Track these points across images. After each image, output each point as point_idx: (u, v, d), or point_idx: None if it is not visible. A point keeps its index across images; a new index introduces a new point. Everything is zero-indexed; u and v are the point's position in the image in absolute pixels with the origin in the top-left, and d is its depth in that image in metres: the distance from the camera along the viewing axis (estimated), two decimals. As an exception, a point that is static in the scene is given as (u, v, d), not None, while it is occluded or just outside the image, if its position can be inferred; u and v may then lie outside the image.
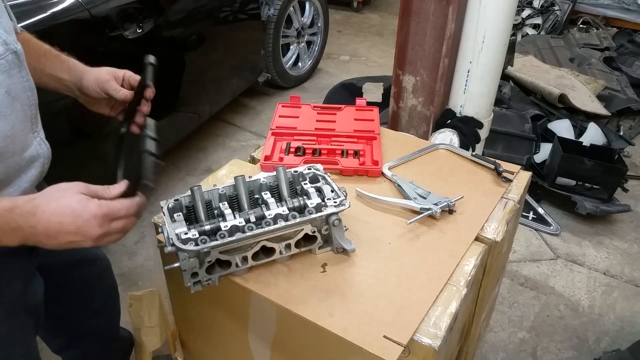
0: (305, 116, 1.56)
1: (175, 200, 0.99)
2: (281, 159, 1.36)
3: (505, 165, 1.37)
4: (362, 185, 1.28)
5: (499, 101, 2.88)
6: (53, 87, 1.04)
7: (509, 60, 1.93)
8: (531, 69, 3.35)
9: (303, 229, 1.01)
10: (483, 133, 1.93)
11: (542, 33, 4.36)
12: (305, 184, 1.07)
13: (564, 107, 3.05)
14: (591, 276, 2.21)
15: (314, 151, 1.40)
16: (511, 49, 1.91)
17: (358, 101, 1.61)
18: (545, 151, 2.70)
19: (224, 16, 2.77)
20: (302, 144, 1.41)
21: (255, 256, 0.99)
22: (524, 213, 2.49)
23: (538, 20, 4.45)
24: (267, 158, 1.35)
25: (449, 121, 1.90)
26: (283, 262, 1.05)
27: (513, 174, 1.35)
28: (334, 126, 1.50)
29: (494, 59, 1.79)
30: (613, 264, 2.28)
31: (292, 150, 1.40)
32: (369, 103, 1.61)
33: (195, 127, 2.80)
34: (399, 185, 1.27)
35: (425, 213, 1.16)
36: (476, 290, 1.20)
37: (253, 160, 1.41)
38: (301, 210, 1.01)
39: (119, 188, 0.83)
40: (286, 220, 0.98)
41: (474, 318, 1.30)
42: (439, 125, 1.93)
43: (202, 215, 1.00)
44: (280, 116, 1.55)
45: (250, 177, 1.07)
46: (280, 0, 3.26)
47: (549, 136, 2.77)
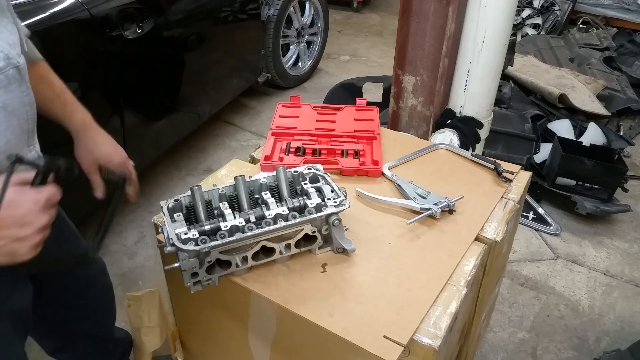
0: (305, 116, 1.56)
1: (175, 200, 0.99)
2: (281, 159, 1.36)
3: (505, 165, 1.37)
4: (362, 185, 1.28)
5: (499, 101, 2.88)
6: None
7: (509, 60, 1.93)
8: (531, 69, 3.35)
9: (303, 229, 1.01)
10: (483, 133, 1.93)
11: (542, 33, 4.36)
12: (305, 184, 1.07)
13: (564, 107, 3.05)
14: (591, 276, 2.21)
15: (314, 151, 1.40)
16: (511, 49, 1.91)
17: (358, 101, 1.61)
18: (545, 151, 2.70)
19: (224, 16, 2.77)
20: (302, 144, 1.41)
21: (255, 256, 0.99)
22: (524, 213, 2.49)
23: (538, 20, 4.45)
24: (267, 158, 1.36)
25: (449, 121, 1.90)
26: (283, 262, 1.05)
27: (513, 174, 1.35)
28: (334, 126, 1.50)
29: (494, 59, 1.79)
30: (613, 264, 2.28)
31: (292, 150, 1.40)
32: (369, 103, 1.61)
33: (195, 127, 2.80)
34: (399, 185, 1.27)
35: (425, 213, 1.16)
36: (476, 290, 1.20)
37: (253, 160, 1.41)
38: (301, 210, 1.01)
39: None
40: (286, 220, 0.98)
41: (474, 318, 1.30)
42: (439, 125, 1.93)
43: (202, 215, 1.00)
44: (280, 116, 1.55)
45: (250, 177, 1.07)
46: (280, 0, 3.26)
47: (549, 136, 2.77)
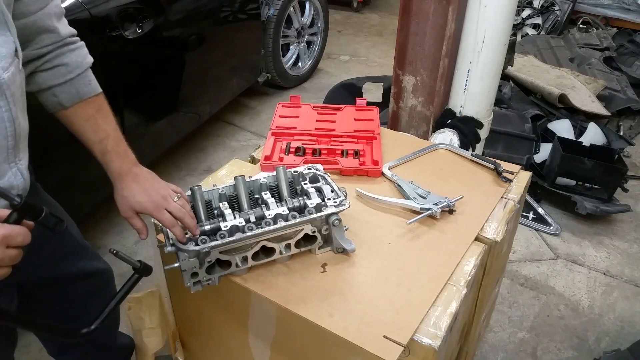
0: (305, 116, 1.56)
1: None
2: (281, 159, 1.36)
3: (505, 165, 1.37)
4: (362, 185, 1.28)
5: (499, 101, 2.88)
6: None
7: (509, 60, 1.93)
8: (531, 69, 3.35)
9: (303, 229, 1.01)
10: (483, 133, 1.93)
11: (542, 33, 4.36)
12: (305, 184, 1.07)
13: (564, 107, 3.05)
14: (591, 276, 2.21)
15: (314, 151, 1.40)
16: (511, 49, 1.91)
17: (358, 101, 1.61)
18: (545, 151, 2.70)
19: (224, 16, 2.76)
20: (302, 144, 1.41)
21: (255, 256, 0.99)
22: (524, 213, 2.49)
23: (538, 20, 4.45)
24: (267, 158, 1.36)
25: (449, 121, 1.90)
26: (283, 262, 1.05)
27: (513, 174, 1.35)
28: (334, 126, 1.50)
29: (494, 59, 1.79)
30: (613, 264, 2.28)
31: (292, 150, 1.40)
32: (369, 103, 1.61)
33: (195, 127, 2.80)
34: (399, 185, 1.27)
35: (425, 213, 1.16)
36: (476, 290, 1.20)
37: (253, 160, 1.41)
38: (301, 210, 1.01)
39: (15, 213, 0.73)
40: (286, 220, 0.98)
41: (474, 318, 1.30)
42: (439, 125, 1.93)
43: (202, 215, 1.00)
44: (280, 116, 1.55)
45: (250, 177, 1.07)
46: (280, 0, 3.26)
47: (549, 136, 2.77)
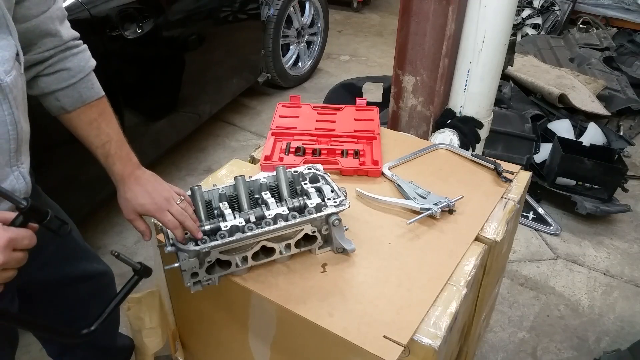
0: (305, 116, 1.56)
1: (175, 200, 0.99)
2: (281, 159, 1.36)
3: (505, 165, 1.37)
4: (362, 185, 1.28)
5: (499, 101, 2.88)
6: None
7: (509, 60, 1.93)
8: (531, 69, 3.35)
9: (303, 229, 1.01)
10: (483, 133, 1.93)
11: (542, 33, 4.36)
12: (305, 184, 1.07)
13: (564, 107, 3.05)
14: (591, 276, 2.21)
15: (314, 151, 1.40)
16: (511, 49, 1.91)
17: (358, 101, 1.61)
18: (545, 151, 2.70)
19: (224, 16, 2.76)
20: (302, 144, 1.41)
21: (255, 256, 0.99)
22: (524, 213, 2.49)
23: (538, 20, 4.45)
24: (267, 158, 1.36)
25: (449, 121, 1.90)
26: (283, 262, 1.05)
27: (513, 174, 1.35)
28: (334, 126, 1.50)
29: (494, 59, 1.79)
30: (613, 264, 2.28)
31: (292, 150, 1.40)
32: (369, 103, 1.61)
33: (195, 127, 2.80)
34: (399, 185, 1.27)
35: (425, 213, 1.16)
36: (476, 290, 1.20)
37: (253, 160, 1.41)
38: (301, 210, 1.01)
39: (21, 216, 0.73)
40: (286, 220, 0.98)
41: (474, 318, 1.30)
42: (439, 125, 1.93)
43: (202, 215, 1.00)
44: (280, 116, 1.55)
45: (250, 177, 1.07)
46: (280, 0, 3.26)
47: (549, 136, 2.77)
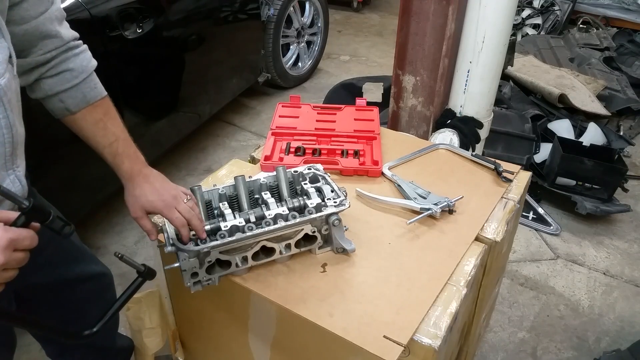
0: (305, 116, 1.56)
1: (175, 200, 0.99)
2: (281, 159, 1.36)
3: (505, 165, 1.37)
4: (362, 185, 1.28)
5: (499, 101, 2.88)
6: None
7: (509, 60, 1.93)
8: (531, 69, 3.35)
9: (303, 229, 1.01)
10: (483, 133, 1.93)
11: (542, 33, 4.36)
12: (305, 184, 1.07)
13: (564, 107, 3.05)
14: (591, 276, 2.21)
15: (314, 151, 1.40)
16: (511, 49, 1.91)
17: (358, 101, 1.61)
18: (545, 151, 2.70)
19: (224, 16, 2.76)
20: (302, 144, 1.41)
21: (255, 256, 0.99)
22: (524, 213, 2.49)
23: (538, 20, 4.45)
24: (267, 158, 1.35)
25: (449, 121, 1.90)
26: (283, 262, 1.05)
27: (513, 174, 1.35)
28: (334, 126, 1.50)
29: (494, 59, 1.79)
30: (613, 264, 2.28)
31: (292, 150, 1.40)
32: (369, 103, 1.61)
33: (195, 127, 2.80)
34: (399, 185, 1.27)
35: (425, 213, 1.16)
36: (476, 290, 1.20)
37: (253, 160, 1.41)
38: (301, 210, 1.01)
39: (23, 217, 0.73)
40: (286, 220, 0.98)
41: (474, 318, 1.30)
42: (439, 125, 1.93)
43: (202, 215, 1.00)
44: (280, 116, 1.55)
45: (250, 177, 1.07)
46: (280, 0, 3.26)
47: (549, 136, 2.77)
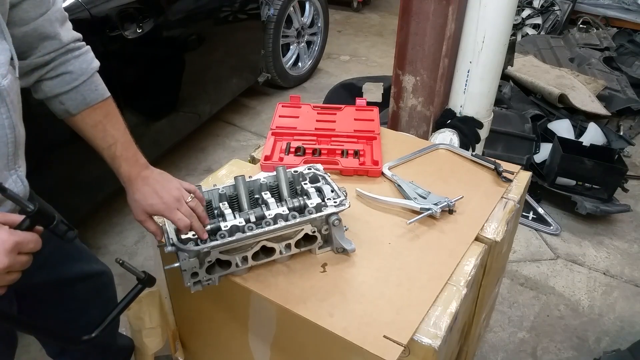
0: (305, 116, 1.56)
1: (175, 200, 0.99)
2: (281, 159, 1.36)
3: (505, 165, 1.37)
4: (362, 185, 1.28)
5: (499, 101, 2.88)
6: None
7: (509, 60, 1.93)
8: (531, 69, 3.35)
9: (303, 229, 1.01)
10: (483, 133, 1.93)
11: (542, 33, 4.36)
12: (305, 184, 1.07)
13: (564, 107, 3.05)
14: (591, 276, 2.21)
15: (314, 151, 1.40)
16: (511, 49, 1.91)
17: (358, 101, 1.61)
18: (545, 151, 2.70)
19: (224, 16, 2.77)
20: (302, 144, 1.41)
21: (255, 256, 0.99)
22: (524, 213, 2.49)
23: (538, 20, 4.45)
24: (267, 158, 1.35)
25: (449, 121, 1.90)
26: (283, 262, 1.05)
27: (513, 174, 1.35)
28: (334, 126, 1.50)
29: (494, 59, 1.79)
30: (613, 264, 2.28)
31: (292, 150, 1.40)
32: (369, 103, 1.61)
33: (195, 127, 2.80)
34: (399, 185, 1.27)
35: (425, 213, 1.16)
36: (476, 290, 1.20)
37: (253, 160, 1.41)
38: (301, 210, 1.01)
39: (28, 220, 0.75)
40: (286, 220, 0.98)
41: (474, 318, 1.30)
42: (439, 125, 1.93)
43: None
44: (280, 116, 1.55)
45: (250, 177, 1.07)
46: (280, 0, 3.26)
47: (549, 136, 2.77)
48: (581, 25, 4.37)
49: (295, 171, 1.11)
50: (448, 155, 1.46)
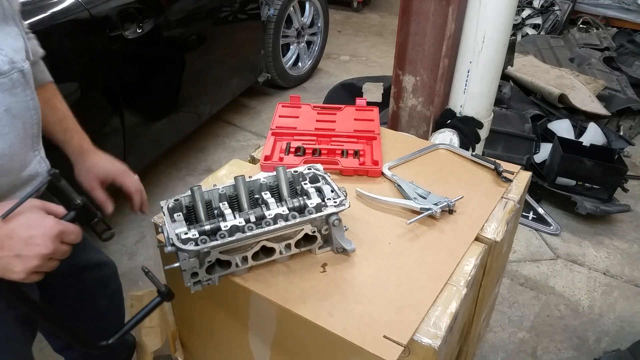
0: (305, 116, 1.56)
1: (175, 200, 0.99)
2: (281, 159, 1.36)
3: (505, 165, 1.37)
4: (362, 185, 1.28)
5: (499, 101, 2.88)
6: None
7: (509, 60, 1.93)
8: (531, 69, 3.35)
9: (303, 229, 1.01)
10: (483, 133, 1.93)
11: (542, 33, 4.36)
12: (305, 184, 1.07)
13: (564, 107, 3.05)
14: (591, 276, 2.21)
15: (314, 151, 1.40)
16: (511, 49, 1.91)
17: (358, 101, 1.61)
18: (545, 151, 2.70)
19: (224, 16, 2.77)
20: (302, 144, 1.41)
21: (255, 256, 0.99)
22: (524, 213, 2.49)
23: (538, 20, 4.45)
24: (267, 158, 1.35)
25: (449, 121, 1.90)
26: (283, 262, 1.05)
27: (513, 174, 1.35)
28: (334, 126, 1.50)
29: (494, 59, 1.79)
30: (613, 264, 2.28)
31: (292, 150, 1.40)
32: (369, 103, 1.61)
33: (195, 127, 2.80)
34: (399, 185, 1.27)
35: (425, 213, 1.16)
36: (476, 290, 1.20)
37: (253, 160, 1.41)
38: (301, 210, 1.01)
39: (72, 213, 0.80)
40: (286, 220, 0.97)
41: (474, 318, 1.30)
42: (439, 125, 1.93)
43: (202, 215, 1.00)
44: (280, 116, 1.55)
45: (250, 177, 1.07)
46: (280, 0, 3.26)
47: (549, 136, 2.77)
48: (581, 25, 4.37)
49: (295, 171, 1.11)
50: (448, 155, 1.46)
